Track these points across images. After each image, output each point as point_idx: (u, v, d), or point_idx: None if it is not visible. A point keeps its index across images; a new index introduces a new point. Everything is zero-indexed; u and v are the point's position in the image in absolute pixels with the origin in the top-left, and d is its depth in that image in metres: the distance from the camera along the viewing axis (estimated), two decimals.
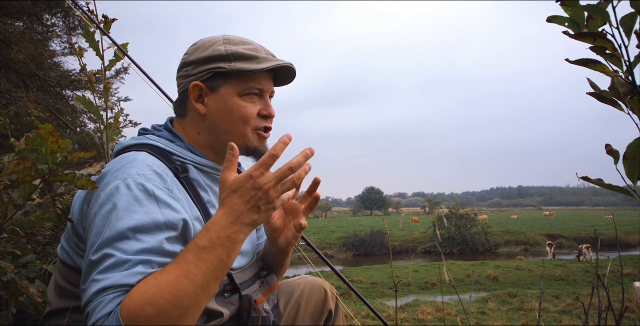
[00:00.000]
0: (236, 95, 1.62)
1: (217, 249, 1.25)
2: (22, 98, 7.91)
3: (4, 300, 1.80)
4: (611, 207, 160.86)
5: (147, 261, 1.26)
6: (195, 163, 1.61)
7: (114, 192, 1.35)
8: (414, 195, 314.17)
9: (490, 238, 40.62)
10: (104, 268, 1.23)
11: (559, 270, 23.38)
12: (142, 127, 1.75)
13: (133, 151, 1.52)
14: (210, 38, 1.69)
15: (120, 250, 1.25)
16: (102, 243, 1.27)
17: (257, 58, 1.62)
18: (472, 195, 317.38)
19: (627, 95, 1.19)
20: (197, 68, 1.63)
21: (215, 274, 1.25)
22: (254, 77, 1.62)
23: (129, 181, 1.36)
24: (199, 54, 1.65)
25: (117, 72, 11.02)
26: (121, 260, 1.24)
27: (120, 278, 1.21)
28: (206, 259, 1.24)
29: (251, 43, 1.68)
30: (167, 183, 1.44)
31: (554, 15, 1.21)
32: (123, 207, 1.32)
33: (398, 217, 72.43)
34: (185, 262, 1.24)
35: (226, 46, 1.63)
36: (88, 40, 2.58)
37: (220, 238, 1.26)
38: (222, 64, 1.60)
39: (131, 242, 1.27)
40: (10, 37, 8.31)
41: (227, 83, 1.61)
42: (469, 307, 8.66)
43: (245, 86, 1.62)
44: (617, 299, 10.71)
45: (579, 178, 1.28)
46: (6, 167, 1.43)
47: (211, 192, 1.65)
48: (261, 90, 1.65)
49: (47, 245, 2.76)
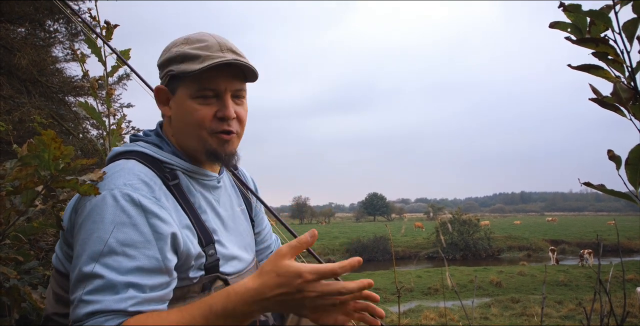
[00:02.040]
0: (189, 98, 1.54)
1: (228, 320, 1.21)
2: (26, 104, 7.93)
3: (7, 306, 1.80)
4: (614, 212, 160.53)
5: (137, 285, 1.26)
6: (182, 169, 1.58)
7: (101, 204, 1.34)
8: (417, 201, 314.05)
9: (493, 244, 40.54)
10: (93, 289, 1.23)
11: (561, 275, 23.34)
12: (134, 133, 1.73)
13: (122, 159, 1.51)
14: (177, 39, 1.63)
15: (110, 268, 1.24)
16: (90, 255, 1.27)
17: (199, 57, 1.51)
18: (475, 200, 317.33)
19: (629, 101, 1.19)
20: (161, 71, 1.61)
21: None
22: (206, 77, 1.52)
23: (115, 192, 1.35)
24: (161, 56, 1.62)
25: (120, 78, 11.02)
26: (111, 282, 1.23)
27: (111, 303, 1.21)
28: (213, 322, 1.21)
29: (206, 40, 1.57)
30: (155, 192, 1.42)
31: (556, 21, 1.22)
32: (110, 219, 1.31)
33: (401, 223, 72.34)
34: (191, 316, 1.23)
35: (179, 47, 1.56)
36: (90, 47, 2.58)
37: (235, 310, 1.21)
38: (172, 67, 1.55)
39: (120, 259, 1.26)
40: (12, 43, 8.34)
41: (181, 85, 1.55)
42: (472, 313, 8.64)
43: (196, 87, 1.53)
44: (619, 304, 10.67)
45: (582, 184, 1.27)
46: (8, 174, 1.44)
47: (201, 197, 1.62)
48: (216, 91, 1.55)
49: (50, 251, 2.76)
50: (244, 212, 1.86)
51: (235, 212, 1.80)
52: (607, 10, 1.15)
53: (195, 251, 1.46)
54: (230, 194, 1.83)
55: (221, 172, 1.76)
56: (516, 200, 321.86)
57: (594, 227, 55.36)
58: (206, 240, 1.52)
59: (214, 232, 1.58)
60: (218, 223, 1.64)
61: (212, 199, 1.67)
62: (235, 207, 1.82)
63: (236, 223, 1.76)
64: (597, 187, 1.24)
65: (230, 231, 1.70)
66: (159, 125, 1.71)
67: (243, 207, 1.87)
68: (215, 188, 1.71)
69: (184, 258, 1.43)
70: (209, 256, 1.52)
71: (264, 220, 1.99)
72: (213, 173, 1.69)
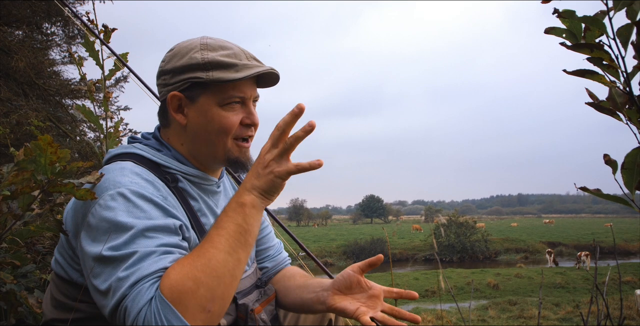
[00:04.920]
0: (216, 105, 1.54)
1: (230, 214, 1.31)
2: (23, 106, 7.91)
3: (4, 311, 1.79)
4: (611, 214, 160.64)
5: (170, 251, 1.28)
6: (182, 173, 1.58)
7: (112, 204, 1.32)
8: (414, 203, 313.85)
9: (490, 246, 40.53)
10: (129, 264, 1.22)
11: (559, 277, 23.33)
12: (131, 135, 1.72)
13: (119, 161, 1.50)
14: (188, 43, 1.60)
15: (141, 245, 1.25)
16: (112, 247, 1.25)
17: (236, 65, 1.53)
18: (472, 203, 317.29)
19: (624, 106, 1.20)
20: (175, 77, 1.56)
21: (237, 239, 1.28)
22: (234, 85, 1.54)
23: (123, 190, 1.35)
24: (175, 62, 1.57)
25: (117, 81, 11.02)
26: (146, 252, 1.24)
27: (150, 265, 1.22)
28: (224, 226, 1.29)
29: (230, 47, 1.58)
30: (161, 191, 1.43)
31: (551, 27, 1.22)
32: (125, 215, 1.30)
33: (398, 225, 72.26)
34: (209, 236, 1.29)
35: (203, 53, 1.54)
36: (88, 50, 2.58)
37: (230, 205, 1.34)
38: (200, 74, 1.52)
39: (148, 240, 1.27)
40: (10, 45, 8.33)
41: (206, 93, 1.54)
42: (469, 315, 8.64)
43: (225, 95, 1.53)
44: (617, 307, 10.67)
45: (578, 189, 1.28)
46: (5, 178, 1.43)
47: (201, 200, 1.63)
48: (243, 98, 1.57)
49: (47, 254, 2.75)
50: None
51: None
52: (602, 16, 1.15)
53: None
54: (230, 197, 1.82)
55: (221, 177, 1.76)
56: (513, 202, 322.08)
57: (591, 229, 55.41)
58: None
59: None
60: None
61: (212, 204, 1.67)
62: None
63: None
64: (593, 191, 1.24)
65: None
66: (157, 129, 1.70)
67: None
68: (214, 193, 1.70)
69: None
70: None
71: (263, 223, 1.98)
72: (214, 178, 1.69)
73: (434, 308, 17.09)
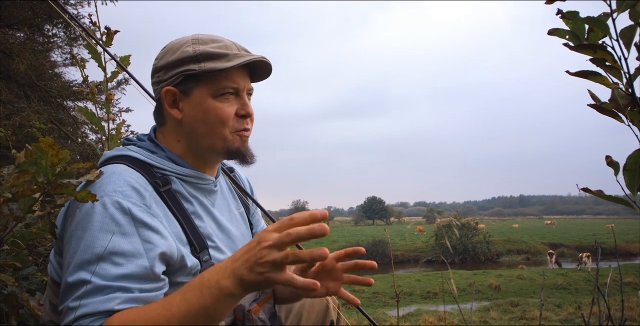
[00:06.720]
0: (210, 97, 1.55)
1: (203, 292, 1.18)
2: (25, 109, 7.92)
3: (5, 313, 1.79)
4: (612, 215, 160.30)
5: (126, 288, 1.25)
6: (177, 174, 1.58)
7: (90, 211, 1.33)
8: (416, 204, 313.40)
9: (492, 248, 40.47)
10: (80, 294, 1.22)
11: (560, 278, 23.30)
12: (126, 137, 1.72)
13: (113, 163, 1.51)
14: (180, 39, 1.63)
15: (98, 275, 1.24)
16: (78, 264, 1.26)
17: (227, 55, 1.55)
18: (473, 204, 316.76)
19: (627, 107, 1.20)
20: (168, 72, 1.58)
21: (195, 321, 1.18)
22: (227, 75, 1.55)
23: (104, 199, 1.35)
24: (168, 57, 1.59)
25: (119, 83, 11.02)
26: (99, 286, 1.23)
27: (97, 305, 1.21)
28: (190, 300, 1.19)
29: (221, 40, 1.60)
30: (145, 199, 1.41)
31: (555, 28, 1.22)
32: (98, 227, 1.30)
33: (400, 227, 72.21)
34: (172, 300, 1.21)
35: (195, 46, 1.56)
36: (90, 52, 2.58)
37: (210, 280, 1.19)
38: (192, 66, 1.54)
39: (108, 266, 1.26)
40: (11, 47, 8.33)
41: (199, 85, 1.55)
42: (471, 316, 8.63)
43: (218, 86, 1.55)
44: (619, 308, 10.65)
45: (580, 190, 1.28)
46: (6, 180, 1.43)
47: (196, 202, 1.62)
48: (237, 89, 1.58)
49: (49, 256, 2.75)
50: (242, 215, 1.86)
51: (233, 215, 1.80)
52: (605, 17, 1.15)
53: (191, 263, 1.46)
54: (228, 197, 1.83)
55: (217, 176, 1.76)
56: (515, 203, 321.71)
57: (593, 230, 55.30)
58: (200, 246, 1.51)
59: (208, 237, 1.57)
60: (214, 228, 1.64)
61: (208, 203, 1.66)
62: (234, 210, 1.81)
63: (234, 227, 1.76)
64: (595, 192, 1.24)
65: (227, 235, 1.69)
66: (153, 130, 1.71)
67: (242, 210, 1.87)
68: (211, 192, 1.70)
69: (177, 267, 1.43)
70: (203, 262, 1.51)
71: (260, 221, 1.98)
72: (210, 177, 1.69)
73: (435, 309, 17.08)
